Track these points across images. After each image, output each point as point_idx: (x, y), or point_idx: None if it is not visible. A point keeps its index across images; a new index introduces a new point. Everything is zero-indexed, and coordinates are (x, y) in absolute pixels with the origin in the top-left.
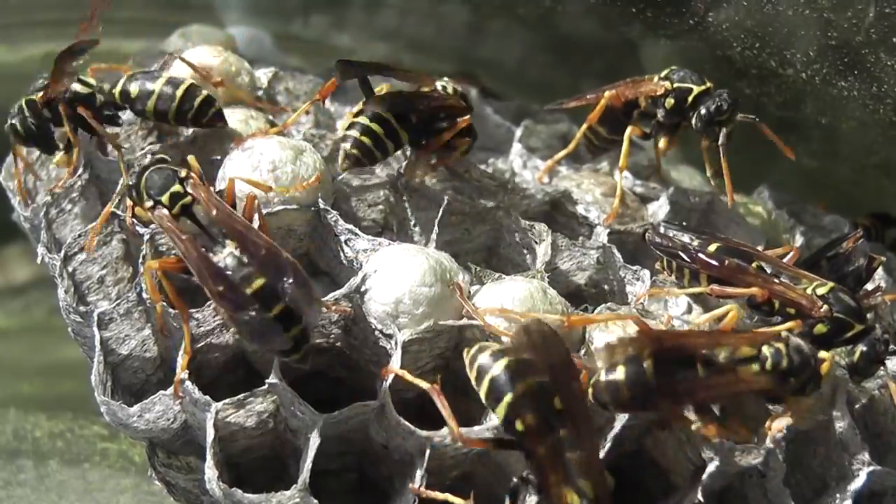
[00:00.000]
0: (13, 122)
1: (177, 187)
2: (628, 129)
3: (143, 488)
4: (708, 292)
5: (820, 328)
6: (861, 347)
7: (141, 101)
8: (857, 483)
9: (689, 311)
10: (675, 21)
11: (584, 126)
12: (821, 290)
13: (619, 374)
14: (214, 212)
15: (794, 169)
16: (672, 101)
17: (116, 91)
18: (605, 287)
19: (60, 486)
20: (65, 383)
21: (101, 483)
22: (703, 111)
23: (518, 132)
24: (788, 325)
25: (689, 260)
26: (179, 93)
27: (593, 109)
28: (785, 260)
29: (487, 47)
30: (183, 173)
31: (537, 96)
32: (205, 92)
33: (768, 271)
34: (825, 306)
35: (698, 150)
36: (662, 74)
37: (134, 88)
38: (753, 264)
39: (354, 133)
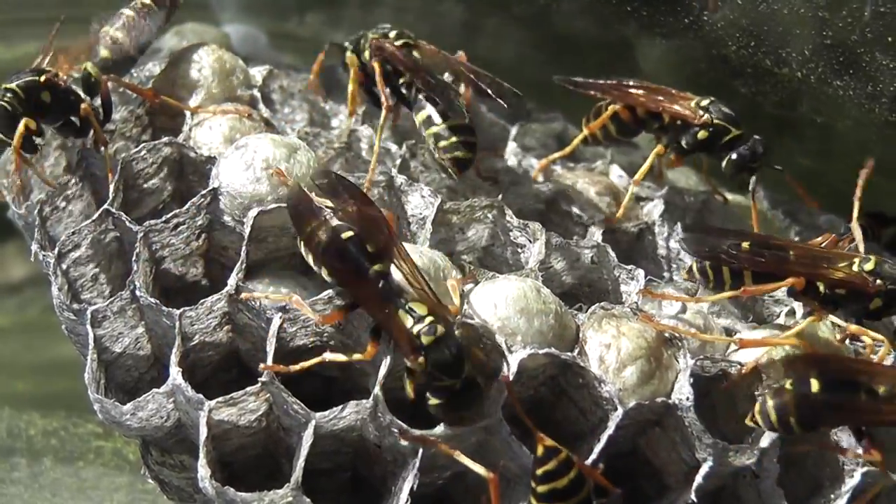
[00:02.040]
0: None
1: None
2: (657, 148)
3: (137, 486)
4: (740, 294)
5: (876, 302)
6: None
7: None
8: (851, 483)
9: (684, 311)
10: (670, 19)
11: (585, 132)
12: (868, 266)
13: (787, 396)
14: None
15: (788, 168)
16: (706, 134)
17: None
18: (599, 286)
19: (54, 484)
20: (59, 381)
21: (95, 481)
22: (735, 157)
23: (513, 131)
24: None
25: (733, 259)
26: None
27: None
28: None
29: (482, 46)
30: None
31: (532, 95)
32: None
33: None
34: (878, 281)
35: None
36: (702, 103)
37: None
38: (791, 253)
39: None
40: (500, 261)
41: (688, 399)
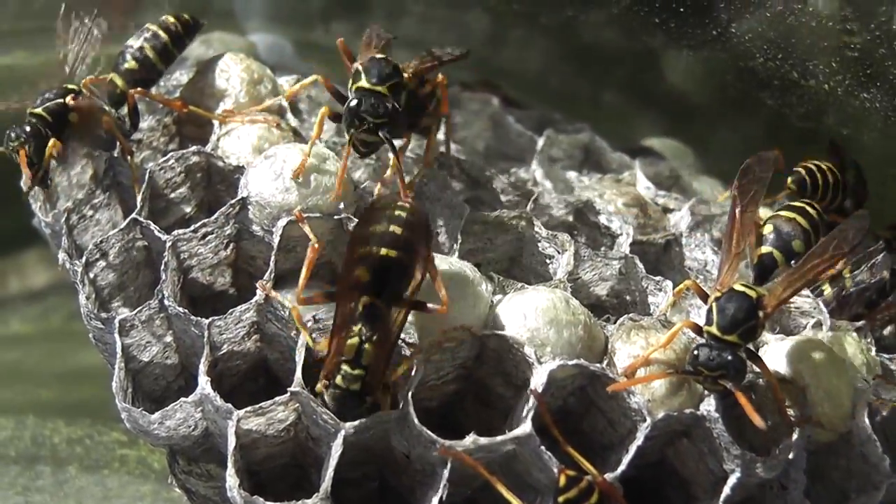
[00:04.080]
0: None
1: None
2: None
3: (163, 495)
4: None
5: None
6: None
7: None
8: (878, 496)
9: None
10: (698, 31)
11: None
12: None
13: None
14: None
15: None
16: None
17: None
18: (627, 297)
19: (79, 492)
20: (83, 389)
21: (120, 489)
22: None
23: (540, 142)
24: None
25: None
26: None
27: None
28: None
29: (508, 56)
30: None
31: (558, 105)
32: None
33: None
34: None
35: (718, 160)
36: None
37: None
38: None
39: None
40: (528, 271)
41: (716, 410)
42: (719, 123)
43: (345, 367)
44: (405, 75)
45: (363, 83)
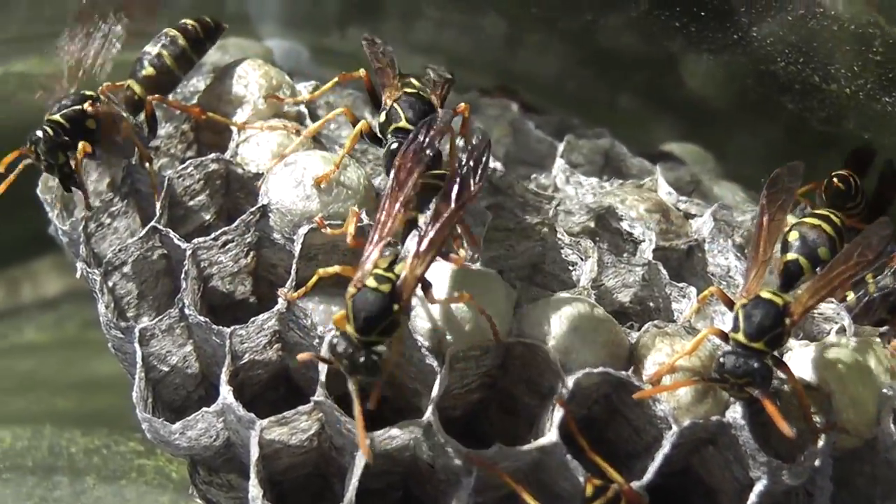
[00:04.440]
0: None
1: None
2: None
3: None
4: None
5: None
6: None
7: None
8: None
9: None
10: (718, 35)
11: None
12: None
13: None
14: None
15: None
16: None
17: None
18: (650, 304)
19: (97, 502)
20: (100, 398)
21: (138, 500)
22: None
23: (560, 147)
24: None
25: None
26: None
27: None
28: None
29: (524, 61)
30: None
31: (575, 110)
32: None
33: None
34: None
35: (739, 165)
36: None
37: None
38: None
39: None
40: (551, 278)
41: (742, 417)
42: (738, 128)
43: (378, 271)
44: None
45: (402, 123)
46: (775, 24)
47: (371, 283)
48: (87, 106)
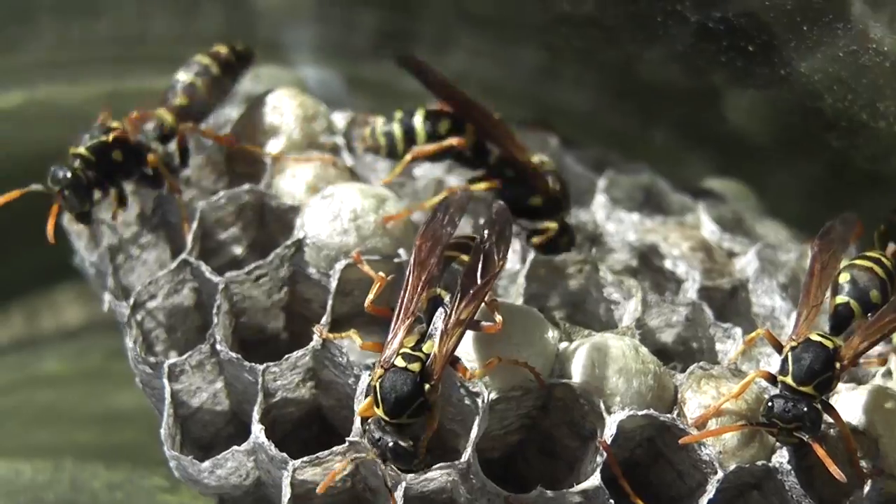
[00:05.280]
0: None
1: None
2: None
3: None
4: None
5: None
6: None
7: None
8: None
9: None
10: (765, 70)
11: None
12: None
13: None
14: None
15: (878, 224)
16: None
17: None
18: (694, 345)
19: None
20: (123, 431)
21: None
22: None
23: (601, 183)
24: None
25: None
26: None
27: None
28: None
29: (558, 92)
30: None
31: (610, 144)
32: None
33: None
34: None
35: (779, 202)
36: None
37: None
38: None
39: None
40: (592, 317)
41: (788, 462)
42: (779, 164)
43: (405, 349)
44: None
45: None
46: (824, 60)
47: (400, 362)
48: (112, 137)
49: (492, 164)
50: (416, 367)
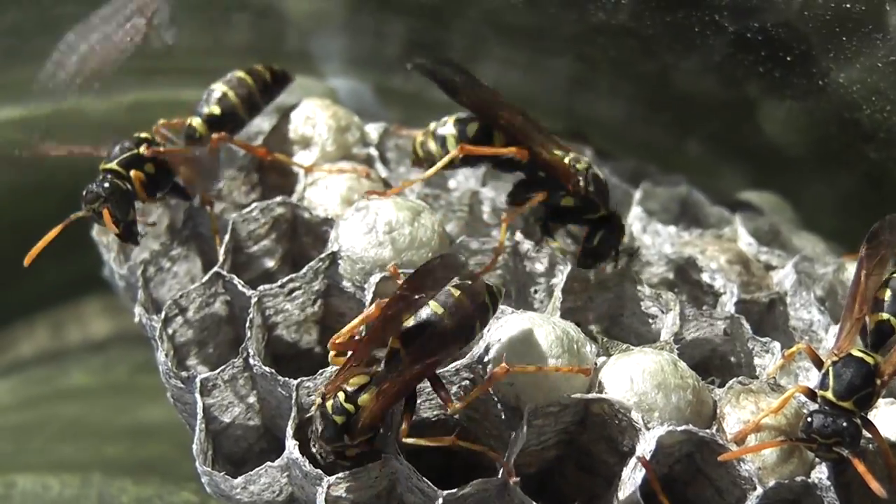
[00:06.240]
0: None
1: None
2: None
3: None
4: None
5: None
6: None
7: None
8: None
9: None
10: (803, 81)
11: None
12: None
13: None
14: None
15: None
16: None
17: None
18: (732, 359)
19: None
20: (151, 445)
21: None
22: None
23: (637, 195)
24: None
25: None
26: None
27: None
28: None
29: (593, 103)
30: None
31: (643, 155)
32: None
33: None
34: None
35: (815, 215)
36: None
37: None
38: None
39: None
40: (629, 331)
41: (827, 478)
42: (815, 176)
43: (340, 396)
44: None
45: None
46: (863, 71)
47: (329, 406)
48: (143, 149)
49: (524, 165)
50: (340, 419)
